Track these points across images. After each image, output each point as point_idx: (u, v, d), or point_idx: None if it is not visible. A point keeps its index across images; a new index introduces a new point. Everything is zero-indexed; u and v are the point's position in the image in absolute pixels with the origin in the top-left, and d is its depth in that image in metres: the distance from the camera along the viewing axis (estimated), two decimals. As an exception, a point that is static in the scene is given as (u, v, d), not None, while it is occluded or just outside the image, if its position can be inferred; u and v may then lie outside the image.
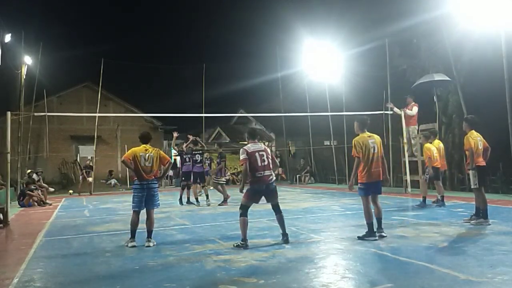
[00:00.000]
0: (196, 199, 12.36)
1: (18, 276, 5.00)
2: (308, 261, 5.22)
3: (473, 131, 7.40)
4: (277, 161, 6.74)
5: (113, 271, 5.18)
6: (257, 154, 6.14)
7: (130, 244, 6.44)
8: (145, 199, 6.54)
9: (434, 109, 16.12)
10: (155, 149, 6.74)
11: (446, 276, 4.35)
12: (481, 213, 7.25)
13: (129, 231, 6.58)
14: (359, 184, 6.38)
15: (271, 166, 6.21)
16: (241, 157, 6.18)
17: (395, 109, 13.96)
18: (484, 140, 7.46)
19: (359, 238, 6.26)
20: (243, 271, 4.84)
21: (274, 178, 6.31)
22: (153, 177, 6.59)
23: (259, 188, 6.16)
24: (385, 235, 6.31)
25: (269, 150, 6.39)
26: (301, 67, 21.47)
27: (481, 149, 7.34)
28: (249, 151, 6.16)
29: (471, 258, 5.05)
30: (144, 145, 6.69)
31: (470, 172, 7.36)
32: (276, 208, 6.35)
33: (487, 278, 4.22)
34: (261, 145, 6.34)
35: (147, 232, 6.57)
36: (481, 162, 7.32)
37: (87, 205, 13.87)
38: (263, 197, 6.35)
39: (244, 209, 6.16)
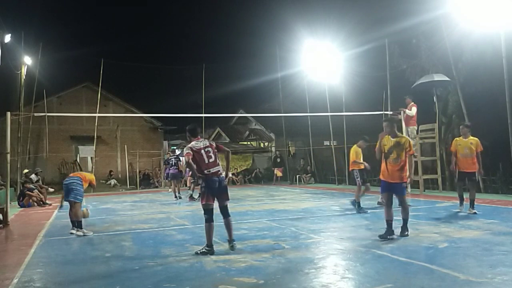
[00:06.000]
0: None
1: (18, 276, 5.00)
2: (308, 261, 5.22)
3: None
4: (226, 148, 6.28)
5: (113, 271, 5.18)
6: (202, 151, 5.86)
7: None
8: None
9: (434, 109, 16.12)
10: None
11: (446, 276, 4.35)
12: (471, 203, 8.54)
13: (129, 231, 6.58)
14: (405, 183, 6.51)
15: (218, 162, 5.96)
16: (185, 151, 5.97)
17: (407, 111, 13.48)
18: None
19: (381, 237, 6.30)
20: (243, 271, 4.84)
21: (224, 174, 6.00)
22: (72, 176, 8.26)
23: (212, 184, 5.82)
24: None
25: (214, 145, 6.08)
26: (301, 67, 21.46)
27: None
28: (194, 149, 5.86)
29: (471, 258, 5.05)
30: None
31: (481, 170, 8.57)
32: (225, 211, 5.98)
33: (487, 278, 4.22)
34: (206, 142, 6.03)
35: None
36: None
37: (86, 206, 13.81)
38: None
39: (208, 214, 5.82)
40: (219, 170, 5.91)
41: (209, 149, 5.92)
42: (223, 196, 5.95)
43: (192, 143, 5.99)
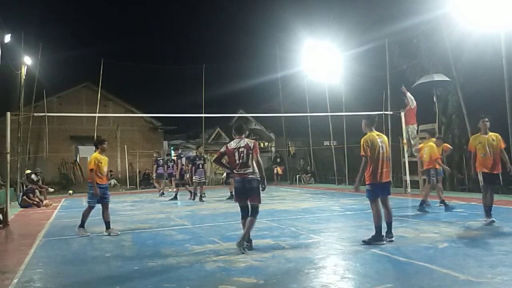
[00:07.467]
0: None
1: (18, 276, 5.00)
2: (307, 261, 5.22)
3: None
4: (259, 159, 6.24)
5: (113, 271, 5.18)
6: (236, 151, 5.94)
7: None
8: None
9: (434, 109, 16.13)
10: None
11: (446, 276, 4.35)
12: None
13: (129, 231, 6.57)
14: (366, 186, 6.08)
15: (249, 163, 5.89)
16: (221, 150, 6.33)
17: (408, 94, 13.40)
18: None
19: (364, 242, 5.92)
20: (243, 271, 4.84)
21: (254, 177, 5.88)
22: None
23: (237, 185, 5.99)
24: (393, 239, 6.03)
25: (251, 145, 5.97)
26: (301, 67, 21.47)
27: None
28: (229, 148, 6.06)
29: (471, 258, 5.05)
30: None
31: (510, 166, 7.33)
32: (251, 211, 5.94)
33: (487, 278, 4.21)
34: (244, 141, 6.01)
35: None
36: None
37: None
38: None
39: (241, 210, 6.07)
40: (248, 172, 5.88)
41: (243, 149, 5.93)
42: (250, 197, 5.92)
43: (232, 141, 6.20)
